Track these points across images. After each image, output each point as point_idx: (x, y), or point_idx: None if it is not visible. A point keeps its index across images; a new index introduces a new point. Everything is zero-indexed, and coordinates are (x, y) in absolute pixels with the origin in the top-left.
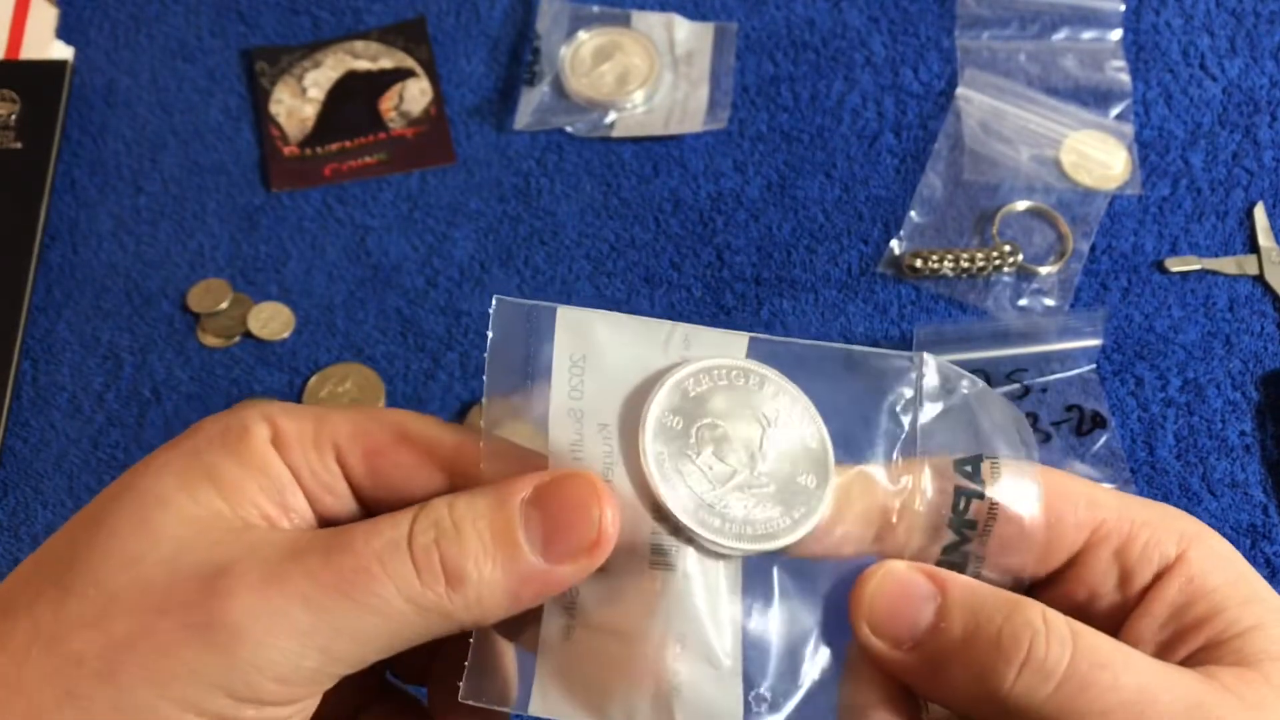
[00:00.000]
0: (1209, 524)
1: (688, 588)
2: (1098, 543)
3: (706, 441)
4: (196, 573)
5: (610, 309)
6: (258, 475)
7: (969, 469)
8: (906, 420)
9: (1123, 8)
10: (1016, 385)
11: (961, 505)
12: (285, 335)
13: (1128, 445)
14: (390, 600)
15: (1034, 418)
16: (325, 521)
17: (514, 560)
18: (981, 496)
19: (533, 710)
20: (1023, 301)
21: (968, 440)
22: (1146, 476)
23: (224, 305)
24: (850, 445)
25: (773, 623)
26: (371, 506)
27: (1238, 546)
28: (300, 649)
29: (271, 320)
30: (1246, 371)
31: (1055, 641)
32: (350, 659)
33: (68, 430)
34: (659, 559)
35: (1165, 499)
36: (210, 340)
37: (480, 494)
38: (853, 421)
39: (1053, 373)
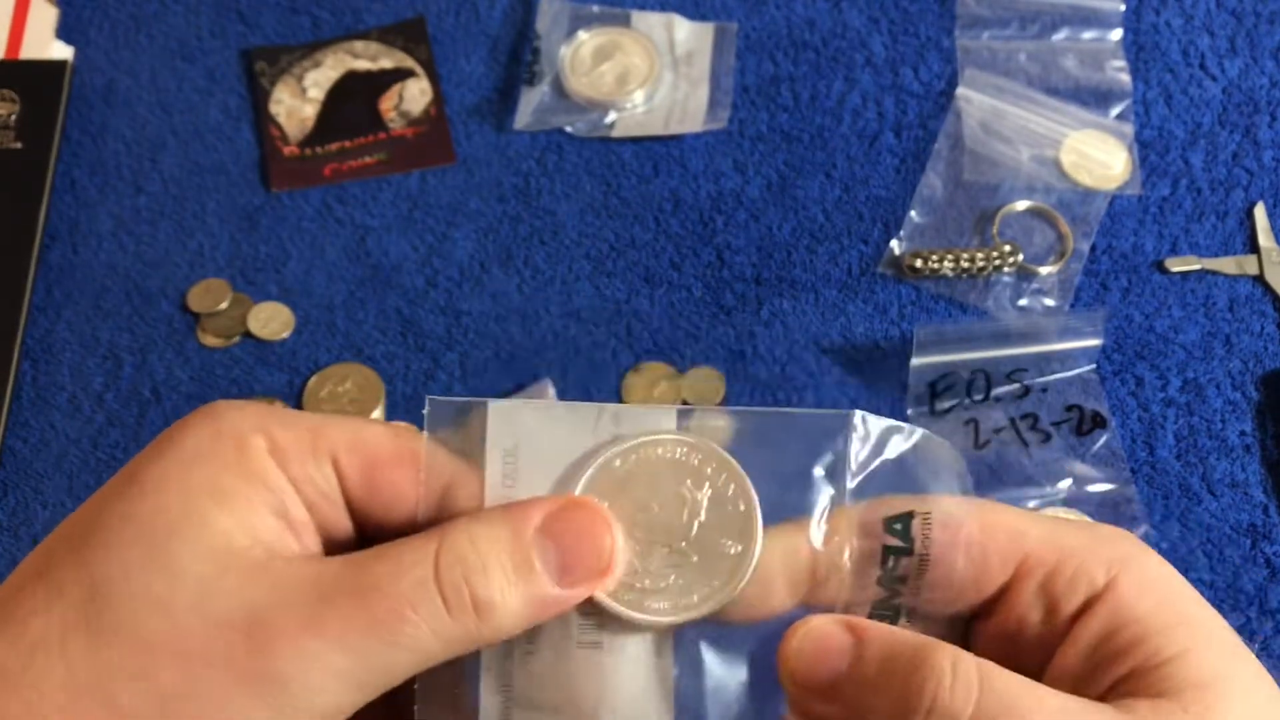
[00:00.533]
0: (1209, 524)
1: (616, 663)
2: (1024, 574)
3: (631, 520)
4: (231, 620)
5: (610, 309)
6: (261, 490)
7: (898, 526)
8: (838, 480)
9: (1123, 8)
10: (1016, 385)
11: (890, 564)
12: (285, 335)
13: (1128, 445)
14: (423, 638)
15: (1034, 418)
16: (324, 532)
17: (533, 587)
18: (910, 553)
19: None
20: (1023, 301)
21: (905, 490)
22: (1146, 476)
23: (224, 305)
24: (782, 508)
25: (706, 689)
26: (362, 515)
27: (1237, 547)
28: (340, 688)
29: (271, 320)
30: (1246, 371)
31: (960, 687)
32: (379, 688)
33: (67, 430)
34: (585, 638)
35: (1165, 499)
36: (210, 340)
37: (497, 523)
38: (786, 484)
39: (1053, 373)
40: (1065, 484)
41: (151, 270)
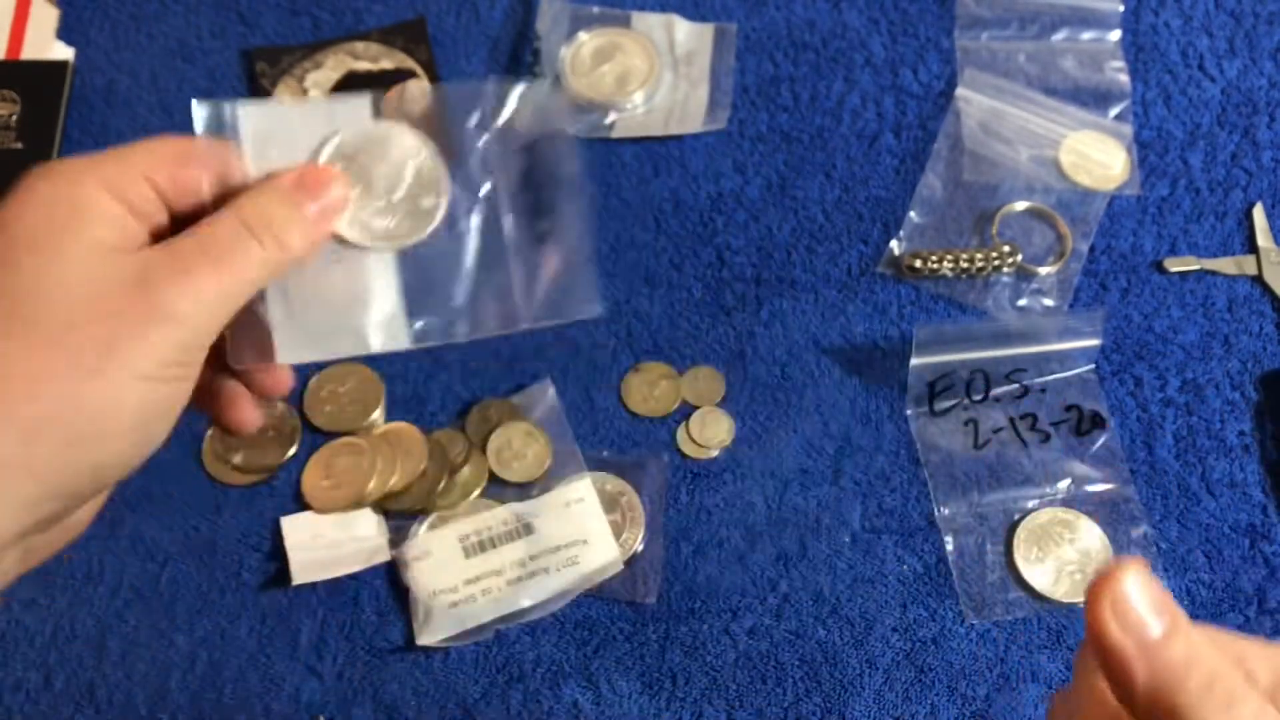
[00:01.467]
0: (1208, 524)
1: (355, 270)
2: None
3: (357, 183)
4: (124, 280)
5: (610, 309)
6: (109, 209)
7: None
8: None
9: (1122, 8)
10: (1015, 385)
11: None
12: None
13: (1127, 445)
14: (251, 267)
15: (1033, 418)
16: (152, 235)
17: (304, 222)
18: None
19: (279, 358)
20: (1022, 302)
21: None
22: (1145, 476)
23: None
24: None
25: (428, 279)
26: (173, 211)
27: (1236, 546)
28: (209, 314)
29: None
30: (1245, 371)
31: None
32: (230, 312)
33: None
34: (334, 258)
35: (1164, 499)
36: None
37: (270, 187)
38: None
39: (1052, 373)
40: (1064, 484)
41: None
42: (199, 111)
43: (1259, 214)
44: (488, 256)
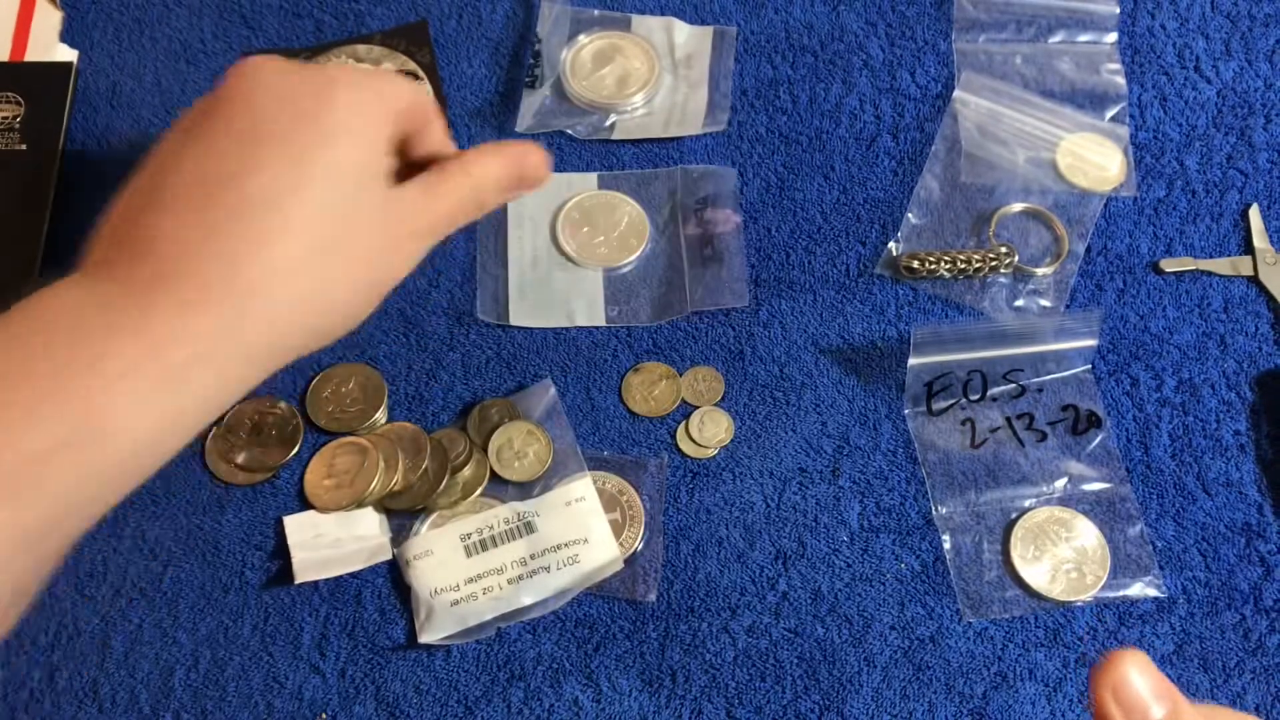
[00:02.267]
0: (1204, 523)
1: (575, 276)
2: None
3: (587, 224)
4: (402, 217)
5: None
6: (375, 147)
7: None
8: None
9: (1118, 11)
10: (1012, 385)
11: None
12: None
13: (1123, 445)
14: (469, 212)
15: (1030, 417)
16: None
17: (509, 190)
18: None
19: (511, 320)
20: (1019, 302)
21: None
22: (1142, 475)
23: None
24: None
25: (619, 286)
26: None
27: (1232, 545)
28: (436, 234)
29: None
30: (1241, 372)
31: None
32: (447, 235)
33: None
34: (561, 268)
35: (1160, 498)
36: None
37: (498, 157)
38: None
39: (1049, 373)
40: (1061, 483)
41: None
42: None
43: (1255, 215)
44: (669, 273)
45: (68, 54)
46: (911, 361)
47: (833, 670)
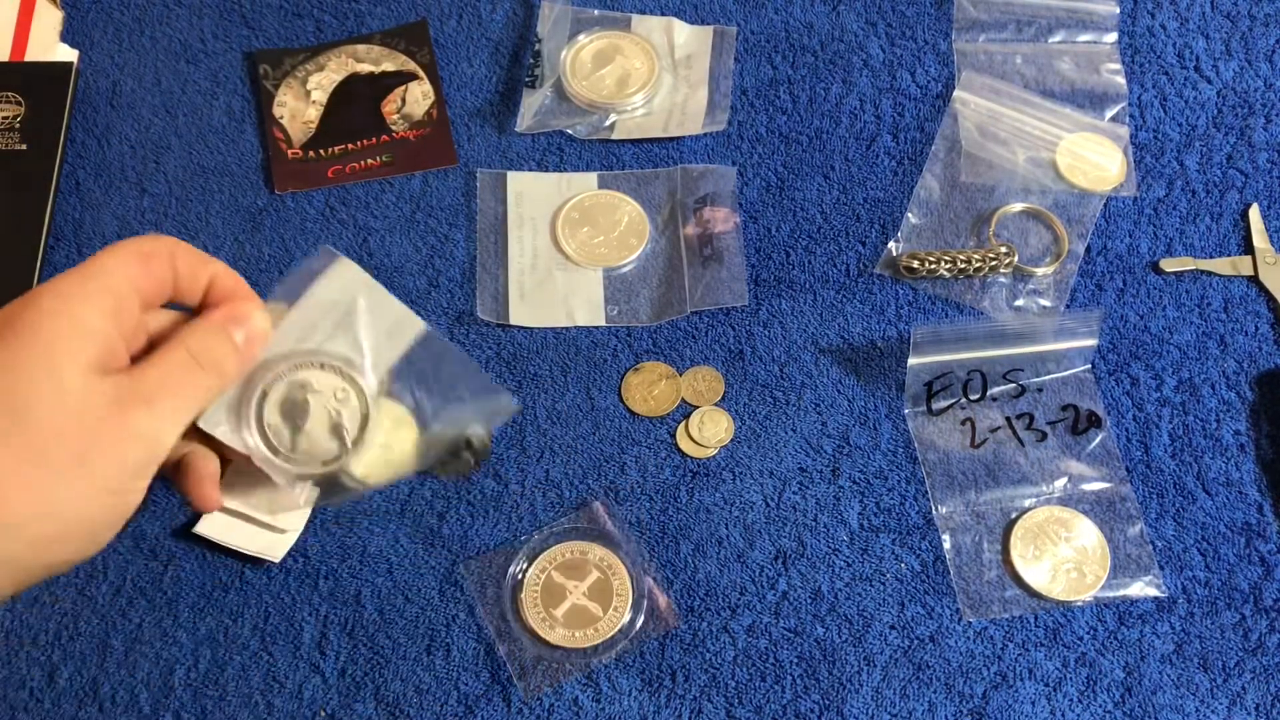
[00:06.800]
0: (1204, 522)
1: (575, 277)
2: None
3: (586, 225)
4: (102, 403)
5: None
6: (100, 340)
7: None
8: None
9: (1118, 11)
10: (1012, 385)
11: None
12: None
13: (1123, 444)
14: (199, 393)
15: (1030, 417)
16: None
17: (235, 350)
18: None
19: (512, 320)
20: (1019, 302)
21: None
22: (1141, 475)
23: None
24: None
25: (619, 286)
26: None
27: (1232, 545)
28: (169, 438)
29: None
30: (1241, 371)
31: None
32: (188, 423)
33: None
34: (560, 269)
35: (1160, 497)
36: None
37: (208, 323)
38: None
39: (1048, 372)
40: (1061, 482)
41: None
42: (484, 179)
43: (1255, 215)
44: (669, 273)
45: (68, 54)
46: (911, 361)
47: (833, 670)
